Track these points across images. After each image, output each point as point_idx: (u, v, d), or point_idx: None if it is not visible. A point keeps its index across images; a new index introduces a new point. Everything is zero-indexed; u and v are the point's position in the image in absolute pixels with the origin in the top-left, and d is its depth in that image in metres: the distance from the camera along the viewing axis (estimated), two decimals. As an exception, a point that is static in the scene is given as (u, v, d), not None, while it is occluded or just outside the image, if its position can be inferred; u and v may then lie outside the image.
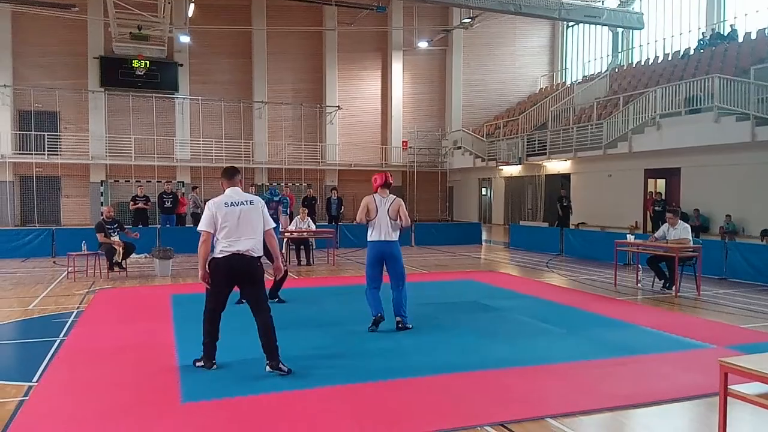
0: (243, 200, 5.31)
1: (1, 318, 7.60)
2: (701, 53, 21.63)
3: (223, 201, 5.27)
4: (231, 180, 5.44)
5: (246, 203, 5.29)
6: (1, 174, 23.54)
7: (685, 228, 9.77)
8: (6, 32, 23.71)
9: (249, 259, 5.20)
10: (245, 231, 5.21)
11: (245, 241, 5.19)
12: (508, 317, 7.70)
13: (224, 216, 5.18)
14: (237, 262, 5.17)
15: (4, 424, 4.12)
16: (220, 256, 5.19)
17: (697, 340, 6.48)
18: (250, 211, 5.27)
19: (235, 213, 5.20)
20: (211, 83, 26.81)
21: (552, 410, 4.42)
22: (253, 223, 5.27)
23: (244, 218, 5.22)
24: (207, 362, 5.38)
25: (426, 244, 18.08)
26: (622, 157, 19.28)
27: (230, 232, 5.17)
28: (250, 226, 5.24)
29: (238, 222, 5.19)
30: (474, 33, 29.27)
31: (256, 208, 5.33)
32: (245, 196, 5.39)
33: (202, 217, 5.32)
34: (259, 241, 5.30)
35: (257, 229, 5.29)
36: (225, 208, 5.21)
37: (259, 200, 5.47)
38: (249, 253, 5.20)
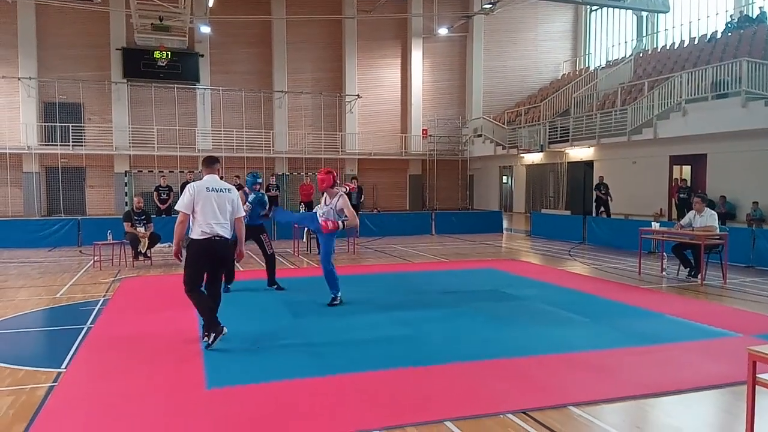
0: (221, 187, 5.72)
1: (30, 306, 7.77)
2: (729, 36, 21.11)
3: (204, 186, 5.65)
4: (210, 168, 5.85)
5: (224, 190, 5.71)
6: (27, 165, 23.98)
7: (712, 215, 9.61)
8: (31, 25, 24.06)
9: (224, 241, 5.63)
10: (222, 216, 5.61)
11: (223, 224, 5.61)
12: (530, 306, 7.66)
13: (204, 200, 5.55)
14: (215, 244, 5.56)
15: (35, 408, 4.22)
16: (201, 238, 5.53)
17: (723, 329, 6.39)
18: (226, 199, 5.68)
19: (212, 197, 5.60)
20: (231, 73, 26.94)
21: (574, 398, 4.39)
22: (228, 209, 5.68)
23: (222, 204, 5.62)
24: (215, 330, 5.54)
25: (446, 232, 18.03)
26: (647, 144, 18.97)
27: (208, 216, 5.53)
28: (225, 212, 5.65)
29: (216, 206, 5.58)
30: (495, 19, 28.90)
31: (231, 196, 5.75)
32: (223, 184, 5.79)
33: (181, 198, 5.65)
34: (231, 227, 5.74)
35: (228, 216, 5.70)
36: (205, 192, 5.60)
37: (233, 189, 5.87)
38: (224, 236, 5.62)
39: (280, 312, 7.26)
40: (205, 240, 5.51)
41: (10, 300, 8.12)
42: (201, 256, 5.56)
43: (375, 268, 11.25)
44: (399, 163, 29.42)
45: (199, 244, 5.53)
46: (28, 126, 23.84)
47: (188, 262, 5.62)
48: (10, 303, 7.92)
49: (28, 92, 24.03)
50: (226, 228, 5.64)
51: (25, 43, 23.98)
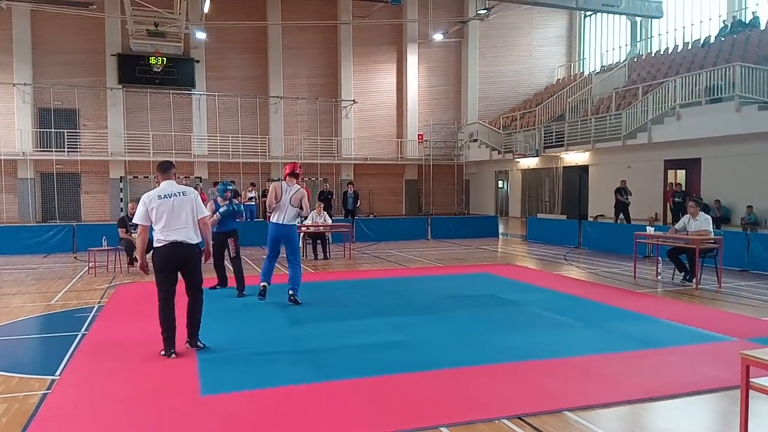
0: (176, 192, 5.62)
1: (25, 313, 7.73)
2: (722, 41, 21.24)
3: (157, 194, 5.59)
4: (165, 173, 5.77)
5: (179, 194, 5.61)
6: (22, 171, 23.92)
7: (706, 219, 9.63)
8: (26, 31, 24.03)
9: (186, 245, 5.56)
10: (179, 221, 5.54)
11: (181, 230, 5.54)
12: (526, 310, 7.67)
13: (158, 207, 5.52)
14: (175, 249, 5.53)
15: (29, 416, 4.20)
16: (159, 245, 5.55)
17: (718, 333, 6.40)
18: (183, 202, 5.60)
19: (168, 204, 5.53)
20: (227, 79, 26.96)
21: (570, 403, 4.40)
22: (187, 212, 5.59)
23: (178, 208, 5.55)
24: (167, 351, 5.58)
25: (442, 237, 18.04)
26: (642, 148, 19.04)
27: (166, 223, 5.51)
28: (184, 216, 5.56)
29: (173, 212, 5.53)
30: (490, 24, 29.03)
31: (188, 198, 5.65)
32: (178, 188, 5.69)
33: (137, 211, 5.61)
34: (194, 229, 5.65)
35: (190, 218, 5.62)
36: (158, 200, 5.55)
37: (191, 191, 5.79)
38: (185, 240, 5.55)
39: (276, 318, 7.24)
40: (162, 247, 5.53)
41: (4, 307, 8.08)
42: (163, 262, 5.57)
43: (371, 274, 11.24)
44: (395, 168, 29.46)
45: (159, 252, 5.56)
46: (24, 132, 23.79)
47: (155, 271, 5.67)
48: (5, 310, 7.88)
49: (23, 98, 23.99)
50: (185, 232, 5.57)
51: (21, 49, 23.95)
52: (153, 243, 5.67)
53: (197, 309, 5.82)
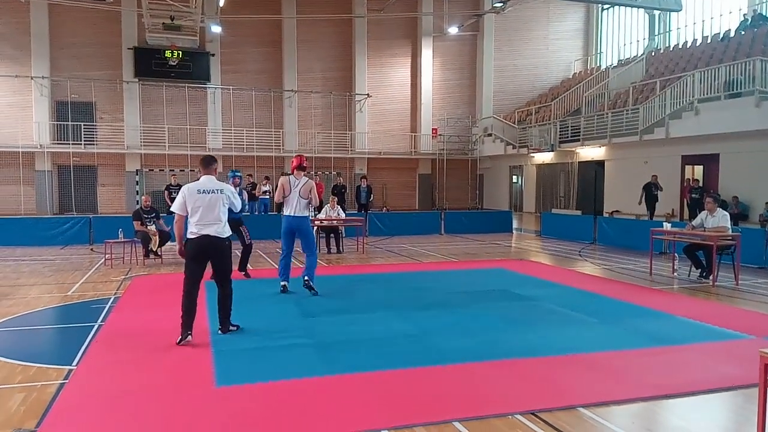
0: (214, 188, 5.95)
1: (42, 304, 7.84)
2: (742, 35, 20.91)
3: (196, 188, 5.92)
4: (206, 168, 6.09)
5: (216, 191, 5.93)
6: (39, 164, 24.21)
7: (724, 216, 9.52)
8: (43, 25, 24.25)
9: (216, 239, 5.87)
10: (212, 216, 5.85)
11: (212, 225, 5.85)
12: (540, 306, 7.63)
13: (195, 201, 5.84)
14: (206, 242, 5.83)
15: (46, 405, 4.26)
16: (192, 237, 5.85)
17: (735, 331, 6.33)
18: (218, 199, 5.91)
19: (205, 199, 5.85)
20: (242, 73, 27.03)
21: (584, 399, 4.37)
22: (220, 209, 5.91)
23: (213, 204, 5.86)
24: (184, 333, 5.76)
25: (456, 232, 17.99)
26: (659, 143, 18.83)
27: (201, 216, 5.82)
28: (217, 212, 5.87)
29: (207, 207, 5.83)
30: (506, 17, 28.79)
31: (224, 195, 5.98)
32: (217, 185, 6.01)
33: (176, 200, 5.95)
34: (224, 223, 5.97)
35: (223, 214, 5.95)
36: (197, 194, 5.87)
37: (228, 188, 6.13)
38: (216, 234, 5.86)
39: (289, 311, 7.28)
40: (195, 239, 5.83)
41: (22, 297, 8.20)
42: (194, 253, 5.87)
43: (384, 268, 11.26)
44: (408, 163, 29.41)
45: (191, 243, 5.86)
46: (41, 125, 24.06)
47: (186, 259, 5.94)
48: (23, 300, 8.00)
49: (40, 91, 24.24)
50: (216, 227, 5.86)
51: (38, 42, 24.18)
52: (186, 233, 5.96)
53: (227, 298, 6.09)
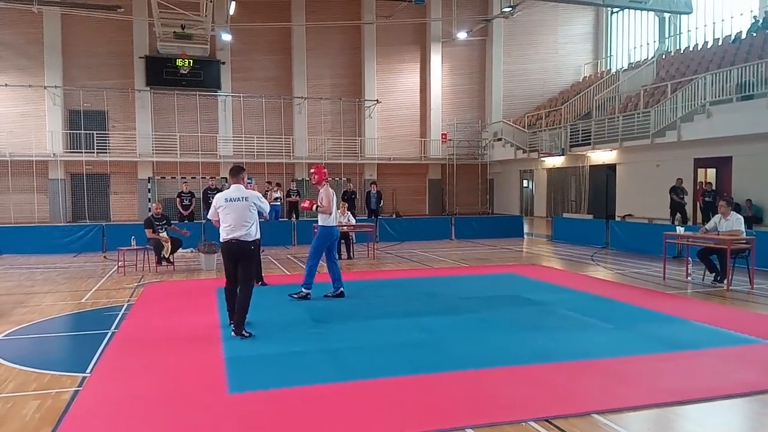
0: (240, 196, 6.44)
1: (56, 311, 7.90)
2: (754, 37, 20.76)
3: (224, 197, 6.50)
4: (234, 178, 6.61)
5: (241, 199, 6.42)
6: (53, 172, 24.45)
7: (738, 219, 9.43)
8: (56, 35, 24.55)
9: (242, 243, 6.37)
10: (239, 222, 6.35)
11: (238, 230, 6.34)
12: (552, 311, 7.58)
13: (224, 209, 6.42)
14: (233, 246, 6.39)
15: (61, 412, 4.29)
16: (223, 241, 6.47)
17: (750, 335, 6.26)
18: (244, 207, 6.41)
19: (232, 206, 6.40)
20: (252, 80, 27.20)
21: (598, 406, 4.34)
22: (246, 215, 6.39)
23: (240, 211, 6.37)
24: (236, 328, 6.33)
25: (466, 237, 17.95)
26: (671, 147, 18.70)
27: (228, 222, 6.39)
28: (243, 218, 6.37)
29: (235, 214, 6.36)
30: (515, 22, 28.78)
31: (248, 203, 6.44)
32: (243, 193, 6.48)
33: (211, 208, 6.63)
34: (251, 229, 6.42)
35: (249, 220, 6.41)
36: (225, 202, 6.44)
37: (253, 195, 6.55)
38: (242, 238, 6.34)
39: (301, 317, 7.28)
40: (225, 243, 6.44)
41: (36, 305, 8.27)
42: (225, 255, 6.52)
43: (395, 274, 11.24)
44: (418, 168, 29.40)
45: (223, 246, 6.53)
46: (54, 134, 24.32)
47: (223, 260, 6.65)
48: (37, 308, 8.06)
49: (53, 100, 24.51)
50: (241, 231, 6.33)
51: (51, 52, 24.48)
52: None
53: (242, 298, 6.35)
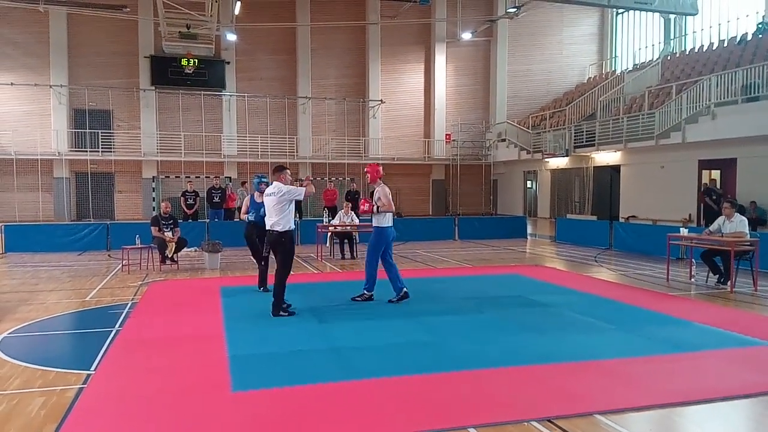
0: (273, 192, 7.37)
1: (61, 309, 7.94)
2: (759, 39, 20.70)
3: (266, 192, 7.61)
4: (273, 175, 7.55)
5: (271, 194, 7.37)
6: (58, 170, 24.55)
7: (742, 221, 9.41)
8: (62, 34, 24.66)
9: (273, 232, 7.34)
10: (272, 214, 7.34)
11: (271, 221, 7.35)
12: (555, 312, 7.58)
13: (265, 202, 7.59)
14: (269, 234, 7.42)
15: (66, 409, 4.31)
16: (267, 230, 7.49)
17: (754, 337, 6.25)
18: (275, 201, 7.31)
19: (268, 200, 7.45)
20: (256, 80, 27.26)
21: (601, 406, 4.34)
22: (278, 208, 7.27)
23: (272, 204, 7.34)
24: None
25: (469, 238, 17.95)
26: (675, 148, 18.67)
27: (267, 215, 7.47)
28: (275, 210, 7.29)
29: (269, 207, 7.41)
30: (519, 23, 28.78)
31: (274, 197, 7.32)
32: (276, 188, 7.33)
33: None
34: (280, 220, 7.25)
35: (280, 212, 7.27)
36: (266, 197, 7.56)
37: (281, 190, 7.25)
38: (273, 228, 7.32)
39: (304, 316, 7.30)
40: (267, 231, 7.46)
41: (41, 303, 8.31)
42: (267, 242, 7.52)
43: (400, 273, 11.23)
44: (422, 168, 29.41)
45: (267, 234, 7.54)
46: (59, 132, 24.43)
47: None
48: (42, 306, 8.10)
49: (59, 99, 24.62)
50: (271, 222, 7.31)
51: (57, 51, 24.59)
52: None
53: (278, 282, 7.28)
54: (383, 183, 8.19)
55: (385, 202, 7.98)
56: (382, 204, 7.97)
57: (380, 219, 8.05)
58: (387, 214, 8.02)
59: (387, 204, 7.99)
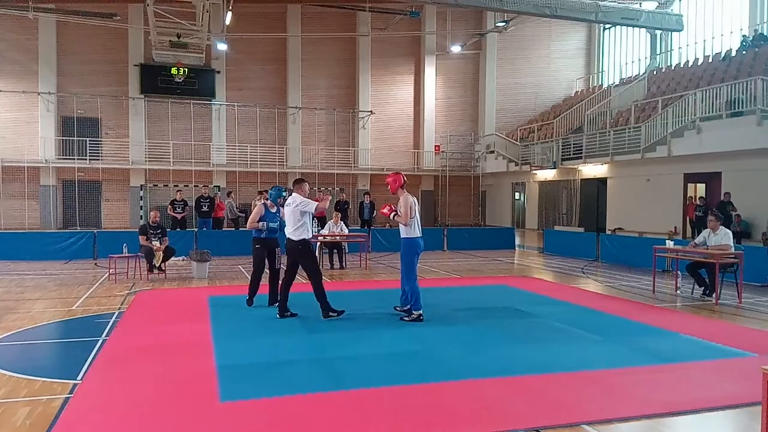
0: (291, 203, 7.67)
1: (47, 318, 7.86)
2: (743, 55, 21.06)
3: (286, 203, 7.88)
4: (294, 187, 7.85)
5: (290, 205, 7.68)
6: (44, 178, 24.36)
7: (726, 234, 9.53)
8: (51, 41, 24.58)
9: (291, 242, 7.66)
10: (290, 224, 7.66)
11: (290, 230, 7.65)
12: (543, 323, 7.63)
13: (285, 213, 7.85)
14: (288, 243, 7.71)
15: (52, 419, 4.28)
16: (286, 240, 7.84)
17: (738, 349, 6.32)
18: (295, 212, 7.61)
19: (287, 211, 7.74)
20: (246, 89, 27.28)
21: (588, 417, 4.37)
22: (296, 218, 7.59)
23: (290, 215, 7.64)
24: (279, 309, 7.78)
25: (458, 248, 18.01)
26: (661, 162, 18.90)
27: (286, 225, 7.73)
28: (293, 221, 7.61)
29: (287, 217, 7.71)
30: (508, 36, 29.10)
31: (292, 208, 7.64)
32: (295, 200, 7.63)
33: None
34: (298, 230, 7.57)
35: (295, 222, 7.59)
36: (285, 208, 7.85)
37: (297, 201, 7.55)
38: (290, 237, 7.64)
39: (294, 327, 7.29)
40: (287, 241, 7.72)
41: (27, 312, 8.23)
42: (286, 252, 7.83)
43: (387, 284, 11.25)
44: (411, 179, 29.02)
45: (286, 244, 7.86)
46: (47, 140, 24.26)
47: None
48: (27, 315, 8.02)
49: (47, 107, 24.48)
50: (289, 231, 7.62)
51: (46, 58, 24.50)
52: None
53: (315, 289, 7.64)
54: (407, 192, 7.86)
55: (401, 213, 7.65)
56: (398, 215, 7.69)
57: (407, 230, 7.68)
58: (415, 223, 7.67)
59: (403, 215, 7.62)
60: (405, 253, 7.76)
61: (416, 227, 7.72)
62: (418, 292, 7.66)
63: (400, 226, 7.76)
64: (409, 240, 7.71)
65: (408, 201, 7.67)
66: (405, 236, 7.72)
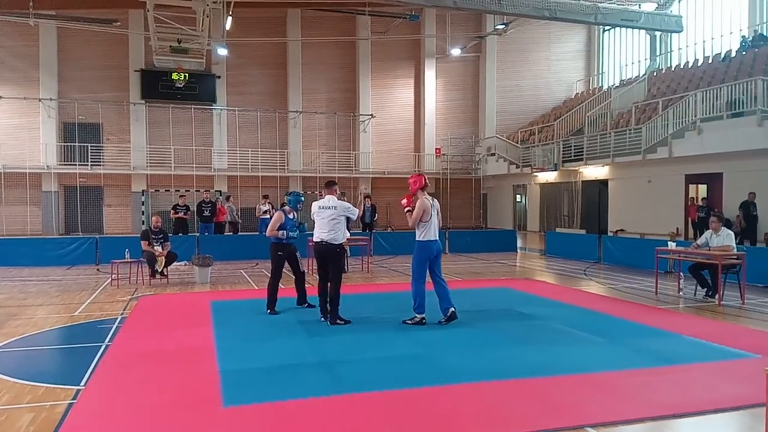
0: (330, 205, 7.64)
1: (49, 324, 7.87)
2: (743, 55, 21.07)
3: (318, 205, 7.75)
4: (327, 189, 7.84)
5: (331, 208, 7.61)
6: (46, 184, 24.40)
7: (729, 235, 9.53)
8: (52, 48, 24.64)
9: (327, 245, 7.55)
10: (327, 227, 7.54)
11: (327, 233, 7.52)
12: (545, 325, 7.62)
13: (317, 215, 7.67)
14: (319, 246, 7.62)
15: (55, 425, 4.28)
16: (314, 242, 7.73)
17: (741, 350, 6.31)
18: (332, 214, 7.57)
19: (323, 214, 7.60)
20: (247, 94, 27.33)
21: (591, 419, 4.37)
22: (333, 221, 7.54)
23: (328, 218, 7.54)
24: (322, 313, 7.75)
25: (460, 251, 18.00)
26: (662, 163, 18.89)
27: (319, 226, 7.60)
28: (331, 224, 7.53)
29: (323, 220, 7.56)
30: (508, 39, 29.12)
31: (337, 211, 7.61)
32: (333, 203, 7.64)
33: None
34: (336, 233, 7.54)
35: (336, 226, 7.56)
36: (318, 210, 7.69)
37: (342, 205, 7.67)
38: (327, 241, 7.52)
39: (295, 331, 7.29)
40: (315, 243, 7.68)
41: (29, 318, 8.24)
42: (316, 254, 7.77)
43: (389, 287, 11.27)
44: (412, 182, 29.40)
45: (314, 247, 7.76)
46: (48, 146, 24.32)
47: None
48: (30, 321, 8.03)
49: (48, 113, 24.53)
50: (329, 234, 7.50)
51: (47, 64, 24.56)
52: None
53: (332, 292, 7.52)
54: (426, 194, 7.72)
55: (413, 214, 7.53)
56: (410, 213, 7.60)
57: (420, 232, 7.60)
58: (429, 227, 7.54)
59: (414, 216, 7.52)
60: (415, 255, 7.73)
61: (431, 230, 7.60)
62: (423, 295, 7.62)
63: (416, 228, 7.67)
64: (421, 243, 7.65)
65: (423, 204, 7.55)
66: (418, 239, 7.66)
